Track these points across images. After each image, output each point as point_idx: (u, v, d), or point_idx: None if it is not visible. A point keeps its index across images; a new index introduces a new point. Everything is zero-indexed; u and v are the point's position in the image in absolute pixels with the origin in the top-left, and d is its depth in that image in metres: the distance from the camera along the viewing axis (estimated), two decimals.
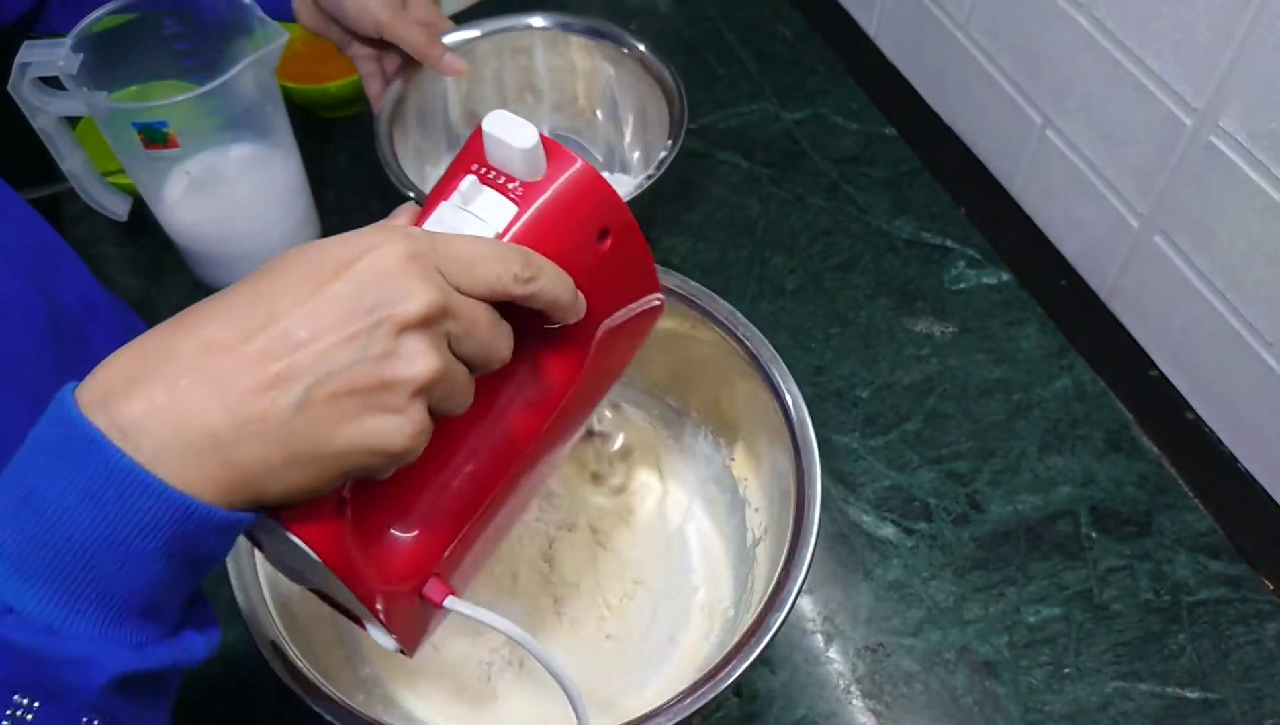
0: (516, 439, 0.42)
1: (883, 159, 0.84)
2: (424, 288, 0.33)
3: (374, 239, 0.34)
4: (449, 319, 0.34)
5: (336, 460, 0.33)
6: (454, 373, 0.35)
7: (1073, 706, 0.57)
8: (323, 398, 0.32)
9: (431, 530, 0.40)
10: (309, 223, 0.76)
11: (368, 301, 0.32)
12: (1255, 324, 0.61)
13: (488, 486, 0.41)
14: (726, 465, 0.59)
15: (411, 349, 0.33)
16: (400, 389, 0.33)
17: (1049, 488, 0.65)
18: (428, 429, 0.34)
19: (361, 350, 0.32)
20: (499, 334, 0.36)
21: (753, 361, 0.54)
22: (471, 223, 0.38)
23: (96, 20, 0.64)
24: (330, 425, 0.32)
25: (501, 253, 0.36)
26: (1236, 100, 0.57)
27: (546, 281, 0.37)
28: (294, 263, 0.34)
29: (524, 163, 0.38)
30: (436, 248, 0.34)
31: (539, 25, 0.78)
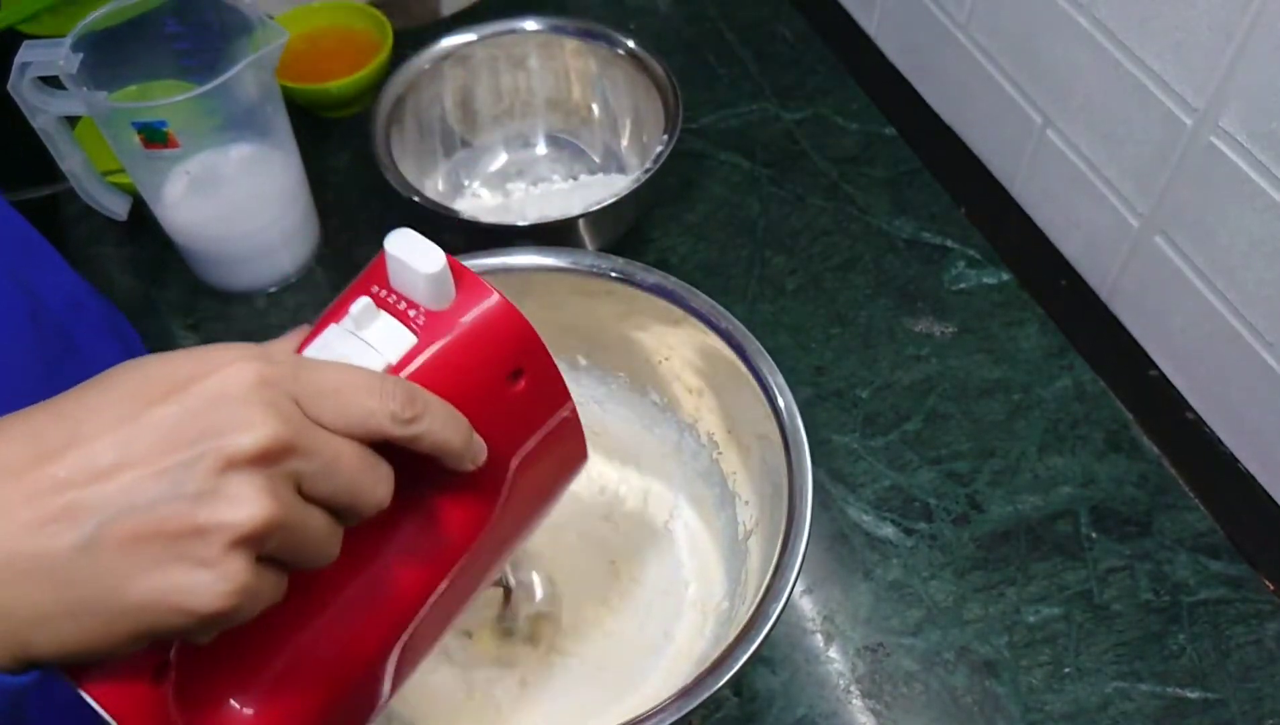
0: (404, 598, 0.36)
1: (883, 159, 0.84)
2: (265, 418, 0.28)
3: (224, 356, 0.29)
4: (297, 457, 0.29)
5: (128, 617, 0.27)
6: (302, 521, 0.29)
7: (1073, 706, 0.57)
8: (116, 539, 0.27)
9: (295, 702, 0.34)
10: (308, 223, 0.77)
11: (193, 430, 0.28)
12: (1255, 324, 0.61)
13: (366, 653, 0.36)
14: (714, 459, 0.60)
15: (237, 490, 0.27)
16: (215, 537, 0.27)
17: (1049, 488, 0.65)
18: (253, 588, 0.28)
19: (173, 486, 0.27)
20: (372, 477, 0.31)
21: (737, 353, 0.54)
22: (361, 350, 0.34)
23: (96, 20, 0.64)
24: (122, 574, 0.27)
25: (378, 386, 0.31)
26: (1236, 100, 0.57)
27: (432, 423, 0.32)
28: (122, 378, 0.29)
29: (428, 289, 0.34)
30: (299, 374, 0.30)
31: (532, 29, 0.78)
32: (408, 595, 0.36)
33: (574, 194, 0.78)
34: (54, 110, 0.64)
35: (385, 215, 0.81)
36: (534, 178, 0.81)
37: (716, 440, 0.59)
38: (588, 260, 0.57)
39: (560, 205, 0.76)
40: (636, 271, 0.56)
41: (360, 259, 0.61)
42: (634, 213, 0.77)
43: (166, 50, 0.69)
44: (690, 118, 0.86)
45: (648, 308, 0.57)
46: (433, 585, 0.37)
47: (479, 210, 0.78)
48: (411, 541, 0.36)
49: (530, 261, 0.58)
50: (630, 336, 0.60)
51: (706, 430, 0.60)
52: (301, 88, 0.83)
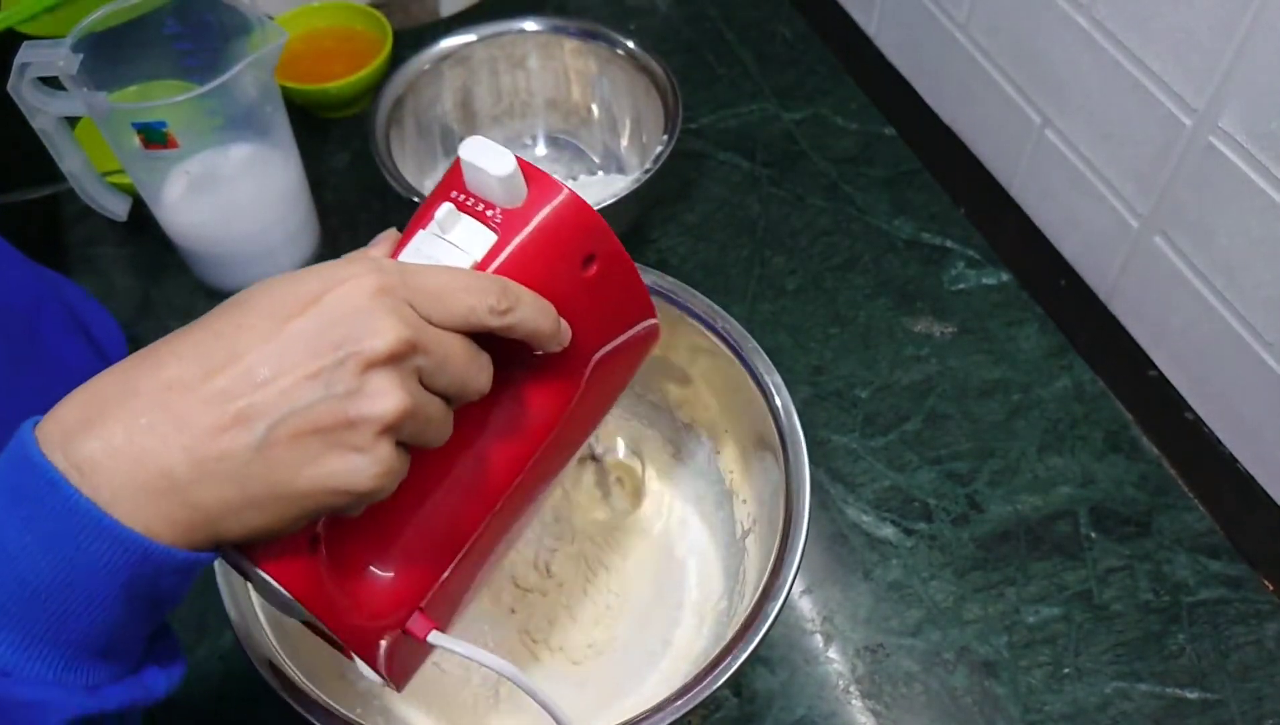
0: (503, 471, 0.40)
1: (883, 159, 0.84)
2: (391, 323, 0.32)
3: (342, 272, 0.33)
4: (419, 354, 0.33)
5: (300, 501, 0.32)
6: (426, 408, 0.33)
7: (1072, 706, 0.57)
8: (284, 437, 0.31)
9: (414, 566, 0.39)
10: (308, 223, 0.76)
11: (333, 338, 0.32)
12: (1255, 324, 0.61)
13: (474, 520, 0.40)
14: (712, 458, 0.60)
15: (377, 386, 0.32)
16: (365, 428, 0.32)
17: (1049, 488, 0.65)
18: (397, 467, 0.33)
19: (325, 388, 0.31)
20: (476, 367, 0.35)
21: (734, 353, 0.54)
22: (449, 252, 0.37)
23: (96, 20, 0.64)
24: (292, 466, 0.31)
25: (476, 283, 0.35)
26: (1236, 100, 0.57)
27: (525, 312, 0.36)
28: (260, 298, 0.33)
29: (502, 190, 0.37)
30: (406, 280, 0.34)
31: (532, 29, 0.78)
32: (508, 468, 0.40)
33: None
34: (54, 110, 0.64)
35: (385, 215, 0.81)
36: None
37: (714, 439, 0.59)
38: None
39: None
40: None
41: None
42: (634, 213, 0.77)
43: (166, 50, 0.69)
44: (690, 118, 0.86)
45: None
46: (528, 455, 0.40)
47: None
48: (508, 419, 0.40)
49: None
50: None
51: (704, 429, 0.60)
52: (301, 88, 0.83)
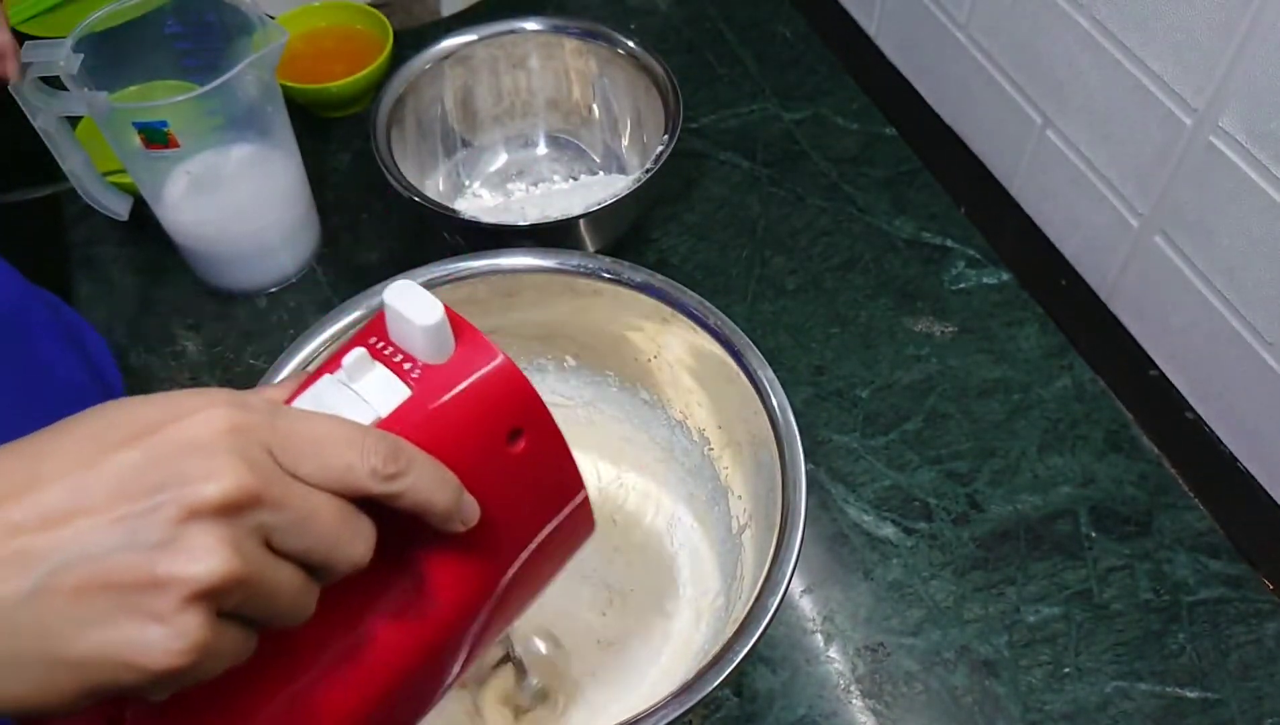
0: (390, 663, 0.34)
1: (883, 159, 0.84)
2: (232, 467, 0.27)
3: (194, 403, 0.28)
4: (265, 509, 0.27)
5: (75, 671, 0.26)
6: (267, 577, 0.28)
7: (1072, 706, 0.57)
8: (66, 588, 0.26)
9: None
10: (309, 223, 0.77)
11: (155, 477, 0.26)
12: (1255, 324, 0.61)
13: (341, 721, 0.33)
14: (706, 455, 0.60)
15: (196, 542, 0.26)
16: (171, 590, 0.26)
17: (1049, 487, 0.65)
18: (209, 645, 0.27)
19: (130, 535, 0.26)
20: (349, 532, 0.29)
21: (726, 349, 0.55)
22: (352, 403, 0.33)
23: (97, 20, 0.64)
24: (70, 625, 0.26)
25: (360, 439, 0.30)
26: (1236, 100, 0.57)
27: (416, 481, 0.31)
28: (89, 420, 0.28)
29: (426, 342, 0.33)
30: (275, 424, 0.29)
31: (533, 29, 0.78)
32: (394, 660, 0.34)
33: (574, 194, 0.78)
34: (55, 110, 0.64)
35: (386, 215, 0.81)
36: (534, 178, 0.81)
37: (708, 436, 0.59)
38: (575, 260, 0.58)
39: (561, 205, 0.76)
40: (624, 270, 0.57)
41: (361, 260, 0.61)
42: (634, 213, 0.77)
43: (167, 50, 0.69)
44: (690, 118, 0.86)
45: (637, 306, 0.57)
46: (421, 651, 0.35)
47: (479, 210, 0.78)
48: (400, 603, 0.34)
49: (519, 262, 0.58)
50: (620, 335, 0.60)
51: (698, 427, 0.60)
52: (302, 88, 0.83)
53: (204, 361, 0.72)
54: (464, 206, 0.79)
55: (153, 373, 0.72)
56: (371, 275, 0.61)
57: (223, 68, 0.63)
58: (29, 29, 0.90)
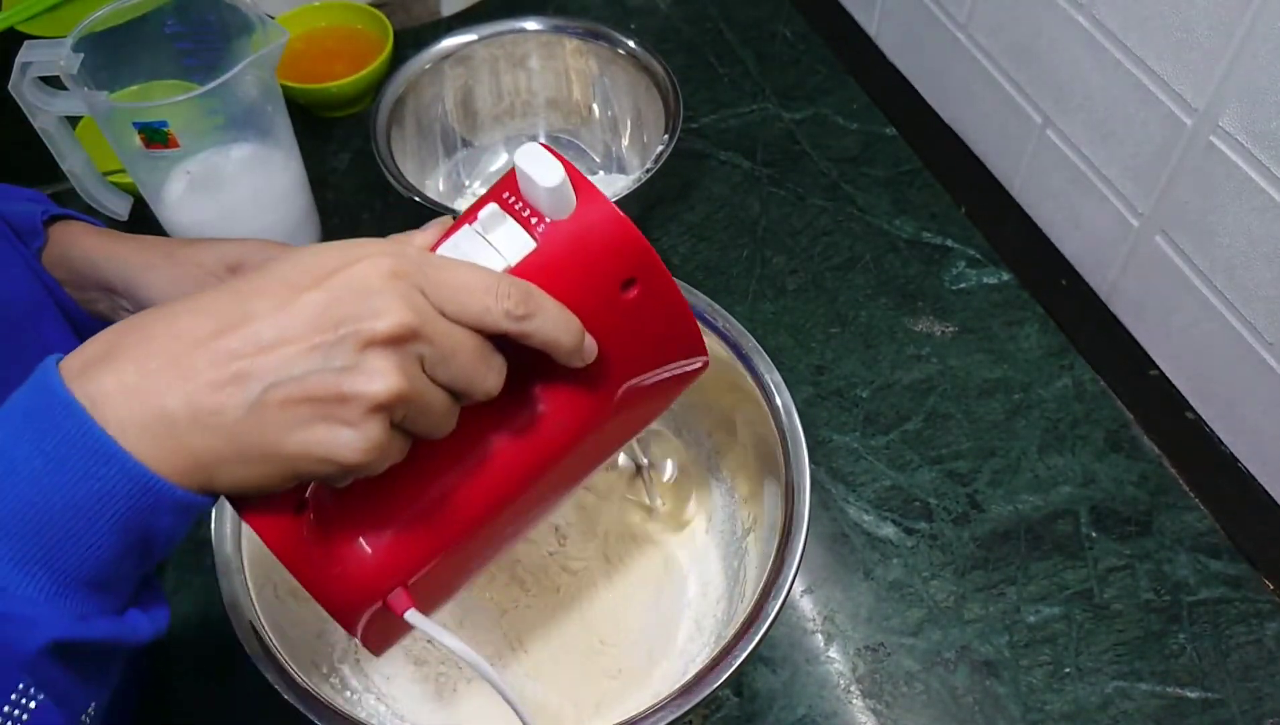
0: (510, 476, 0.40)
1: (883, 159, 0.84)
2: (397, 306, 0.33)
3: (362, 251, 0.34)
4: (422, 342, 0.33)
5: (285, 463, 0.33)
6: (424, 396, 0.34)
7: (1073, 706, 0.57)
8: (277, 401, 0.32)
9: (404, 545, 0.39)
10: (309, 223, 0.76)
11: (338, 313, 0.32)
12: (1255, 324, 0.61)
13: (472, 518, 0.40)
14: (713, 458, 0.60)
15: (374, 366, 0.32)
16: (356, 403, 0.32)
17: (1049, 487, 0.65)
18: (384, 447, 0.34)
19: (323, 360, 0.32)
20: (485, 367, 0.35)
21: (734, 352, 0.55)
22: (486, 251, 0.37)
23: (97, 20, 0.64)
24: (281, 428, 0.32)
25: (497, 284, 0.35)
26: (1236, 100, 0.57)
27: (544, 322, 0.36)
28: (280, 267, 0.34)
29: (549, 200, 0.37)
30: (425, 270, 0.34)
31: (533, 29, 0.78)
32: (518, 474, 0.40)
33: None
34: (55, 110, 0.64)
35: (386, 215, 0.81)
36: None
37: (714, 438, 0.59)
38: None
39: None
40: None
41: None
42: (635, 213, 0.77)
43: (167, 50, 0.69)
44: (690, 118, 0.86)
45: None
46: (539, 465, 0.40)
47: None
48: (524, 426, 0.40)
49: None
50: None
51: (704, 428, 0.60)
52: (302, 88, 0.83)
53: None
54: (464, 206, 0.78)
55: None
56: None
57: (223, 68, 0.63)
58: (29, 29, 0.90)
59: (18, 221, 0.56)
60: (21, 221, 0.57)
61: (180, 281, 0.57)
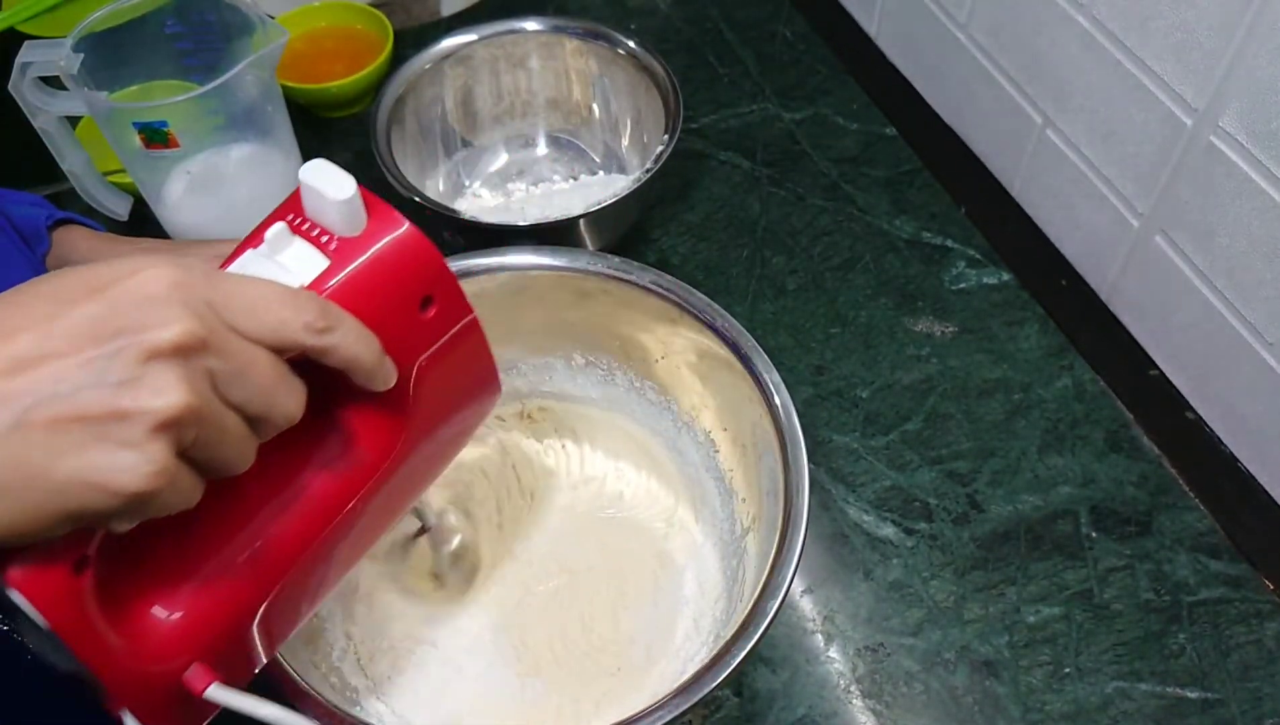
0: (319, 512, 0.37)
1: (883, 159, 0.84)
2: (182, 315, 0.29)
3: (144, 262, 0.31)
4: (211, 354, 0.30)
5: (55, 496, 0.29)
6: (215, 416, 0.31)
7: (1073, 706, 0.57)
8: (42, 422, 0.28)
9: (203, 610, 0.35)
10: None
11: (116, 324, 0.29)
12: (1255, 324, 0.61)
13: (278, 568, 0.37)
14: (711, 457, 0.60)
15: (157, 379, 0.29)
16: (138, 421, 0.29)
17: (1049, 488, 0.65)
18: (172, 473, 0.30)
19: (98, 375, 0.29)
20: (284, 387, 0.32)
21: (733, 351, 0.55)
22: (276, 272, 0.35)
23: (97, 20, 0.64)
24: (49, 453, 0.28)
25: (293, 298, 0.32)
26: (1236, 100, 0.57)
27: (344, 336, 0.33)
28: (48, 282, 0.31)
29: (340, 216, 0.35)
30: (214, 282, 0.31)
31: (533, 29, 0.78)
32: (322, 510, 0.37)
33: (575, 194, 0.78)
34: (55, 110, 0.64)
35: None
36: (535, 178, 0.81)
37: (713, 438, 0.59)
38: (584, 260, 0.58)
39: (561, 205, 0.76)
40: (633, 270, 0.57)
41: None
42: (635, 213, 0.77)
43: (167, 50, 0.69)
44: (690, 118, 0.86)
45: (644, 306, 0.57)
46: (347, 501, 0.38)
47: (480, 210, 0.78)
48: (326, 459, 0.37)
49: (527, 261, 0.58)
50: (627, 335, 0.60)
51: (703, 428, 0.60)
52: (302, 88, 0.83)
53: None
54: (464, 206, 0.79)
55: None
56: None
57: (223, 68, 0.63)
58: (29, 29, 0.90)
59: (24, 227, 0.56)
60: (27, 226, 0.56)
61: None
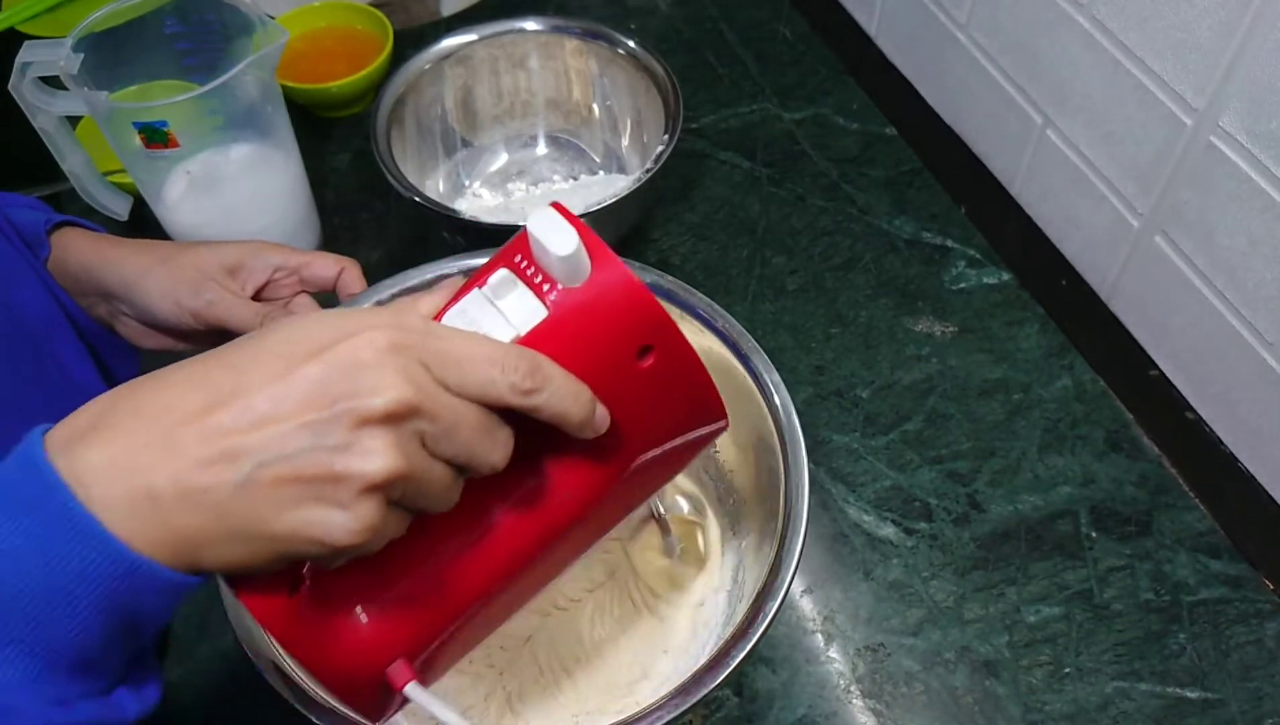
0: (518, 549, 0.39)
1: (883, 159, 0.84)
2: (395, 382, 0.32)
3: (360, 322, 0.33)
4: (422, 418, 0.32)
5: (274, 543, 0.32)
6: (423, 474, 0.33)
7: (1073, 706, 0.57)
8: (267, 480, 0.31)
9: (406, 618, 0.38)
10: (309, 223, 0.76)
11: (335, 389, 0.31)
12: (1255, 324, 0.61)
13: (477, 591, 0.39)
14: (711, 456, 0.60)
15: (369, 445, 0.31)
16: (349, 484, 0.31)
17: (1049, 488, 0.65)
18: (380, 527, 0.33)
19: (316, 438, 0.31)
20: (490, 441, 0.34)
21: (732, 351, 0.55)
22: (495, 319, 0.36)
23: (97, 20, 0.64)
24: (270, 508, 0.31)
25: (502, 357, 0.34)
26: (1236, 100, 0.57)
27: (551, 395, 0.35)
28: (273, 338, 0.33)
29: (562, 267, 0.36)
30: (427, 341, 0.33)
31: (533, 29, 0.78)
32: (518, 543, 0.39)
33: (575, 194, 0.78)
34: (55, 110, 0.64)
35: (386, 215, 0.81)
36: (534, 178, 0.81)
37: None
38: None
39: None
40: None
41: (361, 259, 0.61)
42: (635, 213, 0.77)
43: (168, 50, 0.69)
44: (690, 118, 0.86)
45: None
46: (544, 539, 0.39)
47: (480, 210, 0.78)
48: (532, 496, 0.39)
49: None
50: None
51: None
52: (302, 88, 0.83)
53: None
54: (464, 206, 0.79)
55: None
56: (372, 275, 0.61)
57: (223, 68, 0.63)
58: (29, 29, 0.90)
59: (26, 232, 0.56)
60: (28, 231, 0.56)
61: (178, 285, 0.57)
